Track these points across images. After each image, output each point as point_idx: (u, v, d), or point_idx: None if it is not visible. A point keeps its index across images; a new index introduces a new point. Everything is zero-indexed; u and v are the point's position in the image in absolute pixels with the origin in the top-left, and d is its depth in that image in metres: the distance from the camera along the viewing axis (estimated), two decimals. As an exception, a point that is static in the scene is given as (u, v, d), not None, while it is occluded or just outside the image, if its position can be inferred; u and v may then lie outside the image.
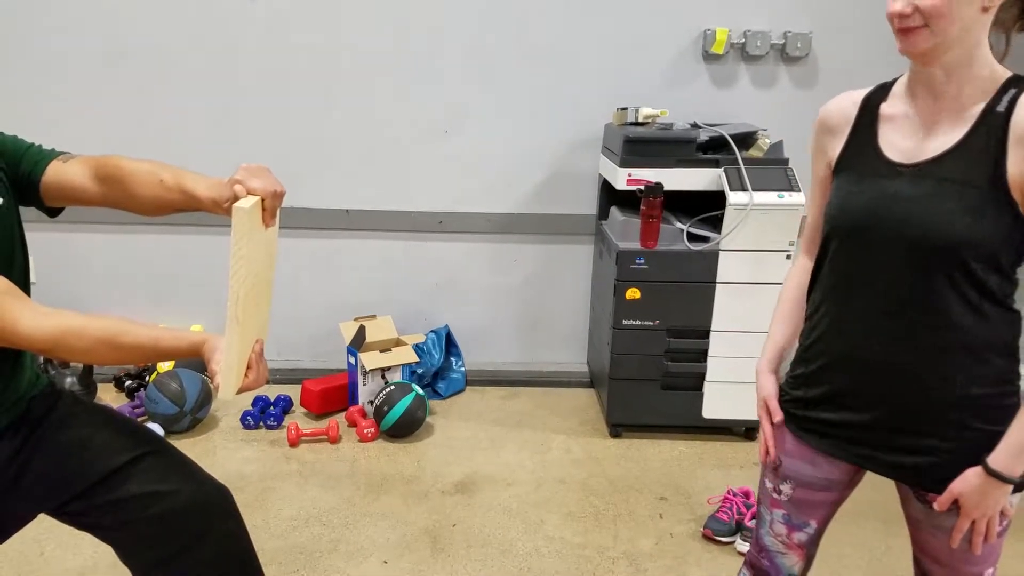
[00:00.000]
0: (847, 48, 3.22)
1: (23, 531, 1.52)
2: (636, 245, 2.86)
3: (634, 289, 2.89)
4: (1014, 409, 1.24)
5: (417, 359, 3.29)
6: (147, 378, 3.31)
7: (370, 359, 3.17)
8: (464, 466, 2.87)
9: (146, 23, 3.16)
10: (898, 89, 1.30)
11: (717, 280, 2.86)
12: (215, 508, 1.52)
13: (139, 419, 3.04)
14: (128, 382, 3.31)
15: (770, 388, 1.47)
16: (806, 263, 1.48)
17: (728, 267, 2.84)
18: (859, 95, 1.35)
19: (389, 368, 3.22)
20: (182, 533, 1.47)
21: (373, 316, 3.37)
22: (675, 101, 3.23)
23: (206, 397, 3.05)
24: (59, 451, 1.46)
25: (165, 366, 3.21)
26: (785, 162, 2.86)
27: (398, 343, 3.32)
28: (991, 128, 1.17)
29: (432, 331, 3.48)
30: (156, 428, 2.90)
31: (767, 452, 1.49)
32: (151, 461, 1.49)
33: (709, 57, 3.23)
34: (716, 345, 2.94)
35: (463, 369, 3.50)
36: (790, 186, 2.78)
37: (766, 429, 1.48)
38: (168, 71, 3.22)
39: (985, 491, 1.25)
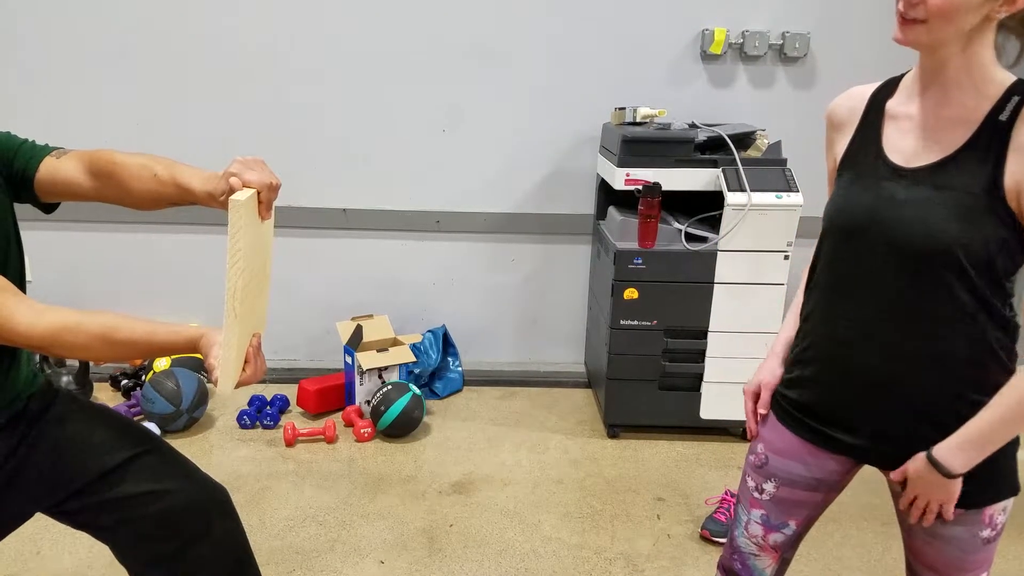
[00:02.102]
0: (845, 48, 3.22)
1: (19, 530, 1.51)
2: (634, 245, 2.86)
3: (632, 289, 2.89)
4: None
5: (414, 359, 3.28)
6: (143, 377, 3.29)
7: (367, 359, 3.16)
8: (461, 466, 2.87)
9: (145, 20, 3.15)
10: (906, 84, 1.30)
11: (715, 280, 2.86)
12: (212, 508, 1.52)
13: (135, 418, 3.02)
14: (124, 381, 3.30)
15: (769, 375, 1.47)
16: None
17: (726, 267, 2.84)
18: (868, 90, 1.35)
19: (386, 368, 3.21)
20: (179, 532, 1.47)
21: (370, 316, 3.36)
22: (673, 101, 3.24)
23: (202, 396, 3.04)
24: (56, 449, 1.45)
25: (161, 365, 3.20)
26: (783, 162, 2.86)
27: (395, 343, 3.31)
28: (992, 136, 1.17)
29: (429, 331, 3.48)
30: (152, 427, 2.90)
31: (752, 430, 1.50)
32: (148, 460, 1.48)
33: (707, 57, 3.23)
34: (714, 345, 2.94)
35: (460, 369, 3.49)
36: (788, 186, 2.78)
37: (748, 407, 1.49)
38: (166, 69, 3.21)
39: (925, 477, 1.26)
